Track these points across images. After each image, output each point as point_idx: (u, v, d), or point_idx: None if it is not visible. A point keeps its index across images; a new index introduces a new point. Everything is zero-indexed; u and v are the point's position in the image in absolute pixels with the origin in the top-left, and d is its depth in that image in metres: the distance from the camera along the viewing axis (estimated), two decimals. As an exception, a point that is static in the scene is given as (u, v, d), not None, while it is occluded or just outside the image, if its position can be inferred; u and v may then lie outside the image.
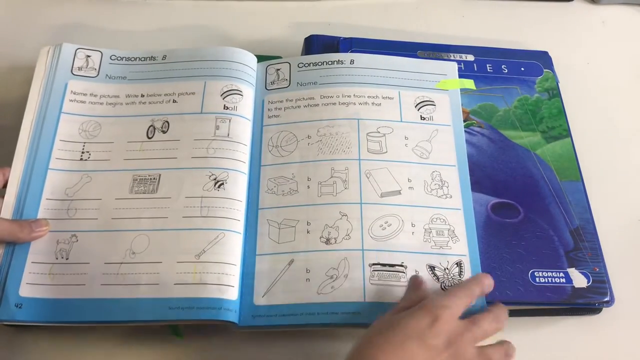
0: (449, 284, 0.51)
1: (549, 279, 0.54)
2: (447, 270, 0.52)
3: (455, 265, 0.52)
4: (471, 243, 0.53)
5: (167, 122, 0.58)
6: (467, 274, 0.52)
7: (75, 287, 0.50)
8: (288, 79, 0.61)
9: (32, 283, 0.50)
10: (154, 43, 0.70)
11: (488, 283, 0.50)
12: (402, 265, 0.52)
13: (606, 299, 0.53)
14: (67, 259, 0.51)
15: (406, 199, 0.55)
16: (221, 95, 0.58)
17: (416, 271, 0.52)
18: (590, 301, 0.53)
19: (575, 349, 0.54)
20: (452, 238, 0.53)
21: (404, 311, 0.46)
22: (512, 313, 0.55)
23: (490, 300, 0.50)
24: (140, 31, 0.72)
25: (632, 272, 0.58)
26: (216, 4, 0.75)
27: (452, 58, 0.66)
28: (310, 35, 0.68)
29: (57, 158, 0.55)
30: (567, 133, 0.63)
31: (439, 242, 0.53)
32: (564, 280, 0.54)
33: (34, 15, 0.72)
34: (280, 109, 0.60)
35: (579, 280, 0.54)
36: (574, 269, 0.55)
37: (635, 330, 0.56)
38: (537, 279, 0.54)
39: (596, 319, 0.55)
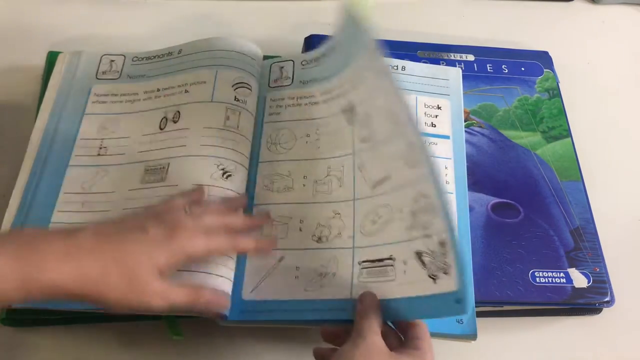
0: (436, 269, 0.46)
1: (549, 279, 0.54)
2: (433, 253, 0.47)
3: (439, 245, 0.47)
4: (462, 220, 0.52)
5: (178, 112, 0.57)
6: (451, 255, 0.46)
7: None
8: (291, 77, 0.61)
9: None
10: (155, 43, 0.70)
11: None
12: (390, 258, 0.50)
13: (606, 299, 0.53)
14: None
15: (395, 183, 0.51)
16: (232, 86, 0.58)
17: (404, 262, 0.49)
18: (591, 301, 0.53)
19: (575, 349, 0.54)
20: (435, 217, 0.48)
21: None
22: (512, 313, 0.55)
23: None
24: (141, 31, 0.72)
25: (632, 272, 0.58)
26: (216, 4, 0.75)
27: (452, 58, 0.66)
28: (310, 35, 0.68)
29: (77, 155, 0.56)
30: (567, 133, 0.63)
31: (424, 223, 0.49)
32: (564, 280, 0.54)
33: (36, 15, 0.72)
34: (281, 106, 0.60)
35: (579, 280, 0.54)
36: (574, 269, 0.55)
37: (635, 330, 0.56)
38: (537, 279, 0.54)
39: (596, 319, 0.55)
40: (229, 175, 0.53)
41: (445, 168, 0.57)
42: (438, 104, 0.60)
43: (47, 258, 0.39)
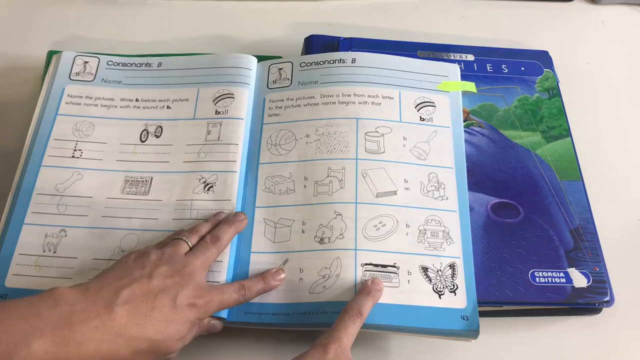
0: (442, 286, 0.51)
1: (549, 279, 0.54)
2: (439, 272, 0.52)
3: (449, 268, 0.52)
4: (465, 246, 0.53)
5: (160, 127, 0.59)
6: (461, 276, 0.52)
7: (62, 281, 0.51)
8: (290, 78, 0.61)
9: (18, 274, 0.51)
10: (154, 43, 0.70)
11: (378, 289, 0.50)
12: (394, 266, 0.52)
13: (606, 299, 0.53)
14: (54, 252, 0.52)
15: (402, 200, 0.54)
16: (213, 101, 0.59)
17: (409, 272, 0.52)
18: (590, 301, 0.53)
19: (575, 349, 0.54)
20: (446, 240, 0.53)
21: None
22: (512, 313, 0.55)
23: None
24: (141, 32, 0.72)
25: (632, 272, 0.58)
26: (216, 4, 0.75)
27: (452, 58, 0.66)
28: (310, 35, 0.68)
29: (49, 155, 0.57)
30: (567, 133, 0.63)
31: (433, 244, 0.53)
32: (564, 280, 0.54)
33: (36, 15, 0.72)
34: (280, 107, 0.60)
35: (579, 280, 0.54)
36: (574, 268, 0.55)
37: (635, 330, 0.56)
38: (537, 279, 0.54)
39: (596, 319, 0.55)
40: (210, 187, 0.55)
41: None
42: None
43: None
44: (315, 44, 0.67)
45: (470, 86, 0.62)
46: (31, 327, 0.40)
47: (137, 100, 0.60)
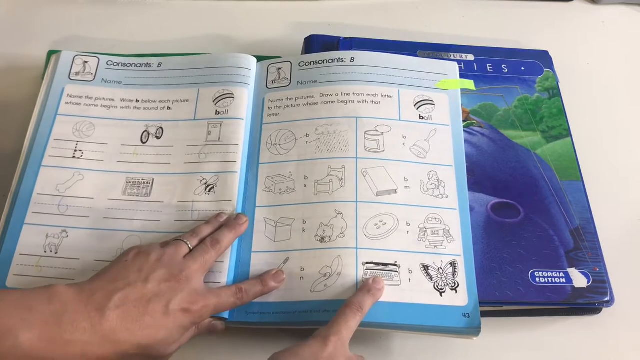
0: (443, 284, 0.51)
1: (549, 279, 0.54)
2: (440, 270, 0.52)
3: (449, 265, 0.52)
4: (466, 243, 0.53)
5: (161, 128, 0.59)
6: (462, 274, 0.52)
7: (63, 282, 0.51)
8: (289, 78, 0.61)
9: (19, 274, 0.51)
10: (154, 43, 0.70)
11: (379, 287, 0.50)
12: (395, 264, 0.52)
13: (606, 299, 0.53)
14: (56, 253, 0.52)
15: (402, 198, 0.55)
16: (213, 101, 0.59)
17: (410, 270, 0.52)
18: (590, 301, 0.53)
19: (575, 349, 0.54)
20: (447, 238, 0.53)
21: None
22: (512, 313, 0.55)
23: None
24: (141, 32, 0.72)
25: (632, 272, 0.58)
26: (216, 4, 0.75)
27: (452, 58, 0.66)
28: (310, 35, 0.68)
29: (50, 156, 0.56)
30: (567, 133, 0.63)
31: (433, 242, 0.53)
32: (564, 280, 0.54)
33: (36, 15, 0.72)
34: (280, 107, 0.60)
35: (579, 280, 0.54)
36: (574, 269, 0.55)
37: (635, 330, 0.56)
38: (537, 279, 0.54)
39: (596, 319, 0.55)
40: (211, 188, 0.55)
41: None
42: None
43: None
44: (315, 44, 0.67)
45: (469, 84, 0.62)
46: (22, 319, 0.40)
47: (137, 101, 0.60)
